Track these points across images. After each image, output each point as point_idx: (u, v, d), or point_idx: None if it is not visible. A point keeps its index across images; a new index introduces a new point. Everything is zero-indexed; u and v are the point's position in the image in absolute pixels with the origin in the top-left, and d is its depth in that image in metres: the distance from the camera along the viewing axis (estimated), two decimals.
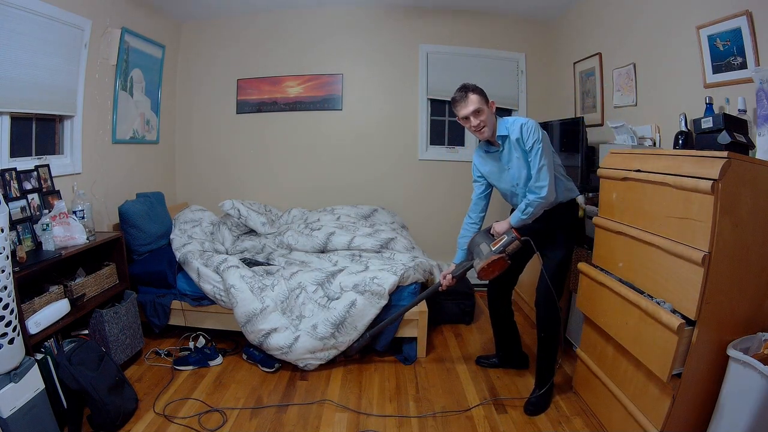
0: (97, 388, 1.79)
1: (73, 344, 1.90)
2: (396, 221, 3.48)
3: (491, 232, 2.02)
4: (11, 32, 2.09)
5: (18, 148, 2.28)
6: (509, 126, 1.95)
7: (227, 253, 2.91)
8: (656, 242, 1.56)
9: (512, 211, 2.20)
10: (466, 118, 1.94)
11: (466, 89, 1.95)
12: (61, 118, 2.57)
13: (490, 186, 2.15)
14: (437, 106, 3.80)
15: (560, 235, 2.04)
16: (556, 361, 2.08)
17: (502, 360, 2.43)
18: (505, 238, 1.93)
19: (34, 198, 2.09)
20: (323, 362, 2.35)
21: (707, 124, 1.76)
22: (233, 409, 2.03)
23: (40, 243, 2.00)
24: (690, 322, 1.41)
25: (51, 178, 2.25)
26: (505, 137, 1.96)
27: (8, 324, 1.52)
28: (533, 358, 2.41)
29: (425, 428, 1.93)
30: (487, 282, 2.18)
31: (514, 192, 2.05)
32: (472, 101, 1.92)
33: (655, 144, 2.30)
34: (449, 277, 2.14)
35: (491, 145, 2.04)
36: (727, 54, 1.89)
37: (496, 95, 3.69)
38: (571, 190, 2.06)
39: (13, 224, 1.88)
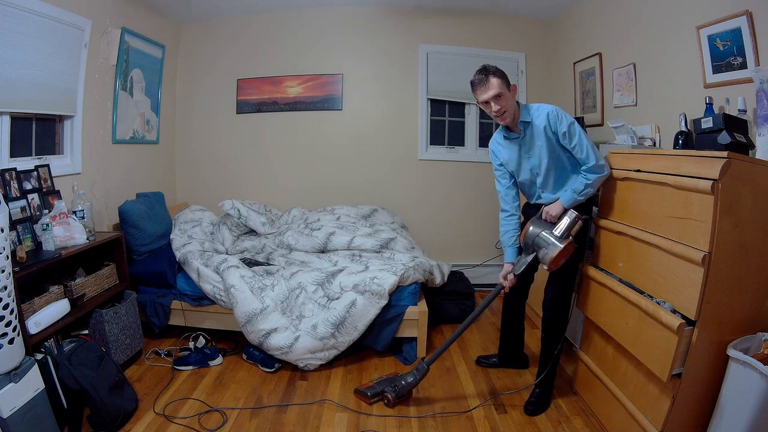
0: (97, 388, 1.79)
1: (73, 344, 1.90)
2: (396, 221, 3.48)
3: (543, 218, 1.92)
4: (11, 32, 2.08)
5: (18, 148, 2.28)
6: (533, 112, 1.88)
7: (227, 253, 2.91)
8: (656, 242, 1.56)
9: (526, 203, 2.17)
10: (486, 102, 1.86)
11: (486, 72, 1.84)
12: (61, 118, 2.57)
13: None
14: (437, 106, 3.79)
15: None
16: (558, 362, 2.07)
17: (502, 360, 2.42)
18: (567, 221, 1.83)
19: (34, 198, 2.09)
20: (323, 362, 2.35)
21: (707, 124, 1.76)
22: (233, 409, 2.03)
23: (40, 243, 2.00)
24: (690, 322, 1.42)
25: (51, 178, 2.25)
26: (527, 123, 1.89)
27: (8, 324, 1.52)
28: (533, 359, 2.41)
29: (425, 428, 1.93)
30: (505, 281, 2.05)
31: (533, 181, 1.99)
32: (493, 85, 1.82)
33: (655, 144, 2.30)
34: (511, 276, 2.00)
35: (511, 131, 1.96)
36: (727, 54, 1.89)
37: None
38: None
39: (13, 224, 1.88)
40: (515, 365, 2.41)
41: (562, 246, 1.79)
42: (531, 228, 1.92)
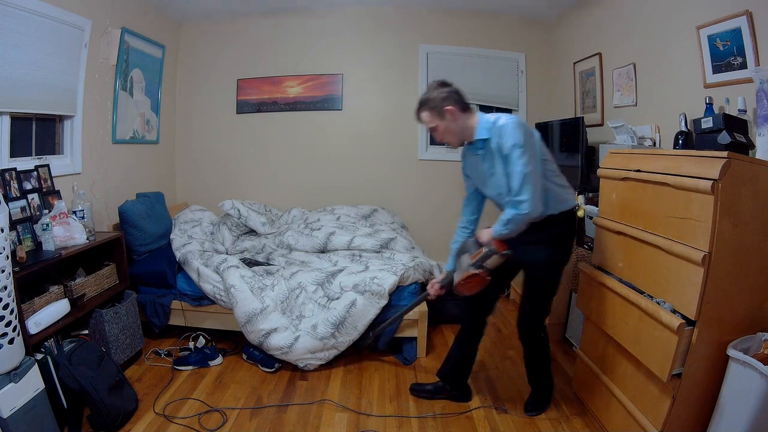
0: (97, 388, 1.79)
1: (73, 344, 1.90)
2: (396, 221, 3.48)
3: (479, 240, 1.80)
4: (11, 32, 2.08)
5: (18, 148, 2.28)
6: (490, 128, 1.71)
7: (227, 253, 2.91)
8: (656, 242, 1.56)
9: None
10: None
11: (418, 106, 1.80)
12: (61, 118, 2.57)
13: None
14: None
15: (546, 251, 1.79)
16: (548, 368, 2.02)
17: (439, 389, 2.12)
18: (484, 251, 1.71)
19: (34, 198, 2.09)
20: (323, 362, 2.35)
21: (707, 124, 1.76)
22: (233, 409, 2.02)
23: (40, 243, 2.00)
24: (690, 322, 1.41)
25: (51, 178, 2.25)
26: (486, 140, 1.73)
27: (8, 324, 1.52)
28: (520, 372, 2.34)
29: (425, 428, 1.93)
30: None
31: (500, 200, 1.83)
32: (423, 120, 1.80)
33: (655, 144, 2.30)
34: (437, 286, 1.95)
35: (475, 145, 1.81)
36: (727, 54, 1.90)
37: (496, 95, 3.73)
38: (564, 201, 1.78)
39: (13, 224, 1.88)
40: (456, 396, 2.11)
41: (465, 275, 1.70)
42: (466, 244, 1.85)
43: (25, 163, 2.22)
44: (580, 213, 2.43)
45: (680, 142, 1.96)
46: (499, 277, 1.82)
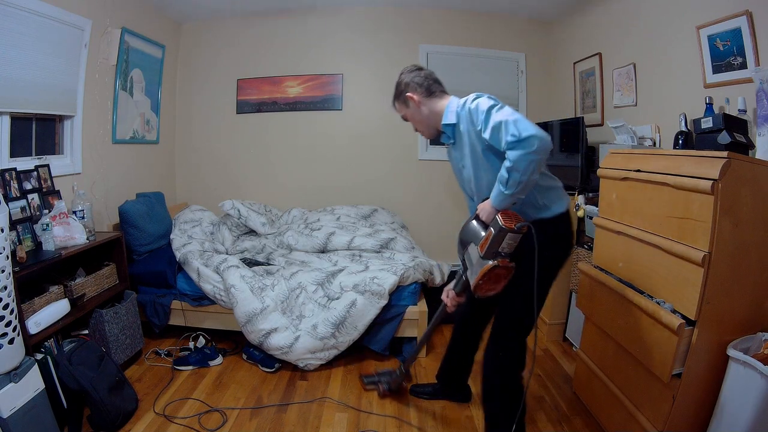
0: (97, 388, 1.79)
1: (73, 344, 1.90)
2: (396, 221, 3.48)
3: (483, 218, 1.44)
4: (11, 32, 2.08)
5: (18, 148, 2.28)
6: (458, 111, 1.51)
7: (227, 253, 2.91)
8: (656, 242, 1.56)
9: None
10: None
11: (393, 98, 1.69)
12: (61, 118, 2.57)
13: None
14: None
15: (529, 264, 1.38)
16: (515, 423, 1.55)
17: (439, 390, 2.10)
18: (492, 234, 1.32)
19: (34, 198, 2.09)
20: (323, 362, 2.35)
21: (707, 124, 1.76)
22: (233, 409, 2.03)
23: (40, 243, 2.00)
24: (690, 322, 1.41)
25: (51, 178, 2.25)
26: (453, 126, 1.53)
27: (8, 324, 1.52)
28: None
29: (425, 428, 1.93)
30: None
31: (471, 197, 1.65)
32: (397, 110, 1.70)
33: (655, 144, 2.30)
34: (452, 294, 1.70)
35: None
36: (727, 54, 1.90)
37: (496, 95, 3.71)
38: (544, 207, 1.48)
39: (13, 224, 1.88)
40: (455, 397, 2.07)
41: (486, 268, 1.31)
42: (468, 228, 1.46)
43: (25, 163, 2.22)
44: (579, 213, 2.43)
45: (680, 142, 1.96)
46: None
